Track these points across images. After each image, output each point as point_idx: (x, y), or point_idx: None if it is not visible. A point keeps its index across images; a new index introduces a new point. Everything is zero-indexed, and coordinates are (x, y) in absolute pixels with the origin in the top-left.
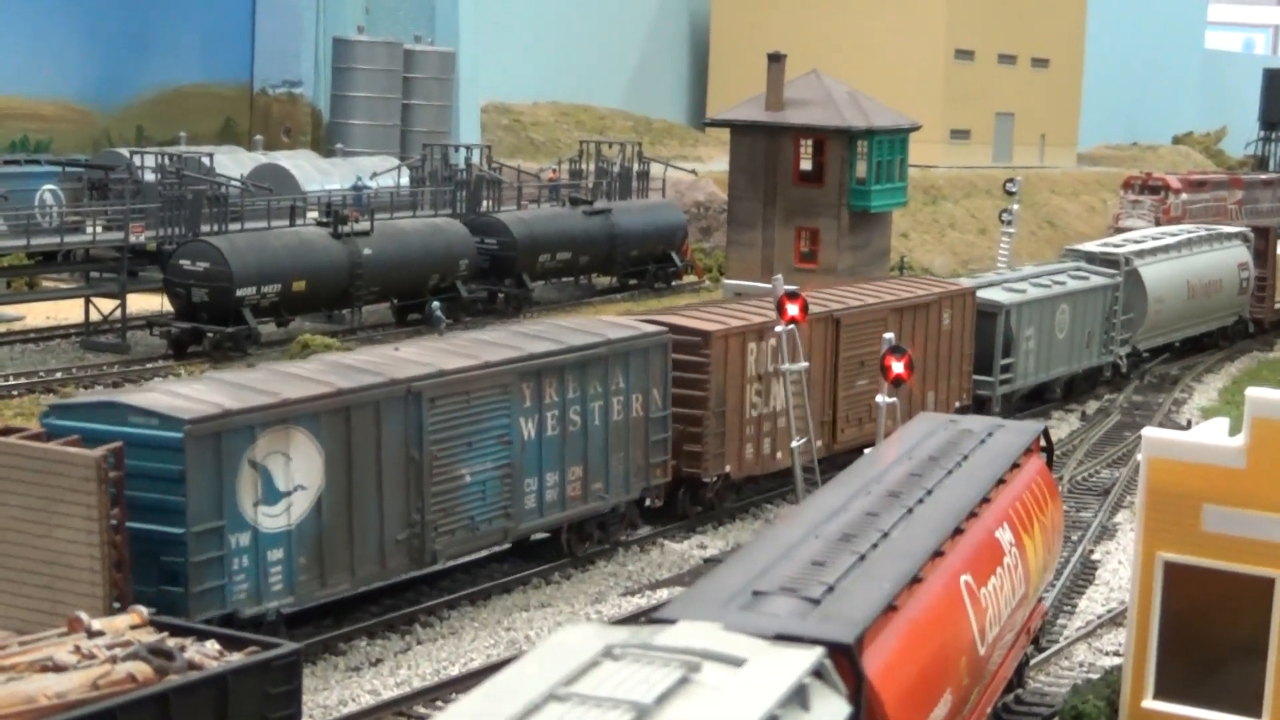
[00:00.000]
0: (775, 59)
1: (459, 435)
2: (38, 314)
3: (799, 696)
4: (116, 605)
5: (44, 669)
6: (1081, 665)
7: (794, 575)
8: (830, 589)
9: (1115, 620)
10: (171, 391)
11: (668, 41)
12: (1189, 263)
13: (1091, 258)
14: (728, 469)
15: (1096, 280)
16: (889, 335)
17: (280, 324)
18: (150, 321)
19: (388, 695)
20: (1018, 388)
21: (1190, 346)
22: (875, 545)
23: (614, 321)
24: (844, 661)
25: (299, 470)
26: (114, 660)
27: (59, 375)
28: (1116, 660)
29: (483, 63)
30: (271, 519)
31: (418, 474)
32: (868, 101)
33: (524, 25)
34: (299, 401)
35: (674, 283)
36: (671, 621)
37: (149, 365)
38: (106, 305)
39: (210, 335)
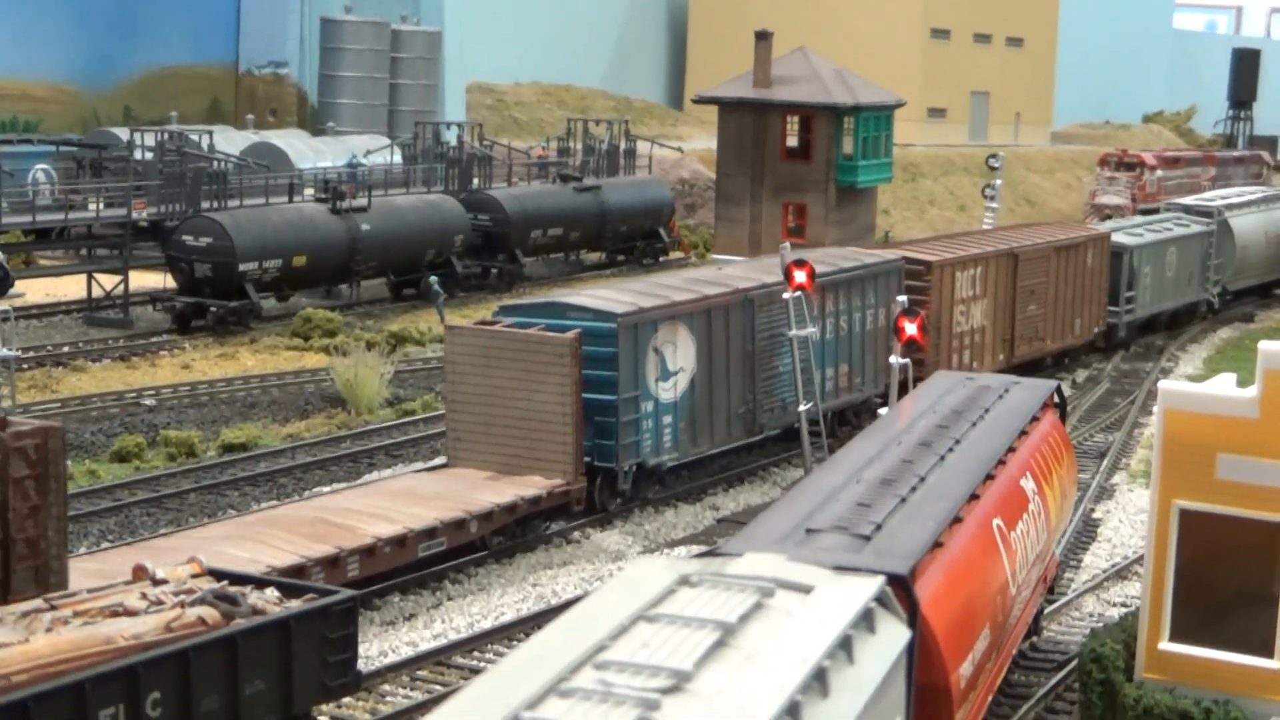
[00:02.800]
0: (762, 37)
1: (776, 334)
2: (37, 291)
3: (866, 620)
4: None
5: (114, 614)
6: (1091, 615)
7: (843, 515)
8: (879, 527)
9: (1120, 574)
10: (593, 294)
11: (647, 22)
12: (1269, 216)
13: (1188, 209)
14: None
15: (1195, 228)
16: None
17: (281, 299)
18: (154, 297)
19: (425, 647)
20: (1137, 317)
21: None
22: (914, 489)
23: (860, 250)
24: (900, 591)
25: (681, 356)
26: (182, 605)
27: (66, 349)
28: (1124, 610)
29: (467, 43)
30: (665, 392)
31: (751, 363)
32: (854, 78)
33: (506, 6)
34: (682, 303)
35: (661, 259)
36: (738, 555)
37: (153, 339)
38: (108, 282)
39: (213, 310)
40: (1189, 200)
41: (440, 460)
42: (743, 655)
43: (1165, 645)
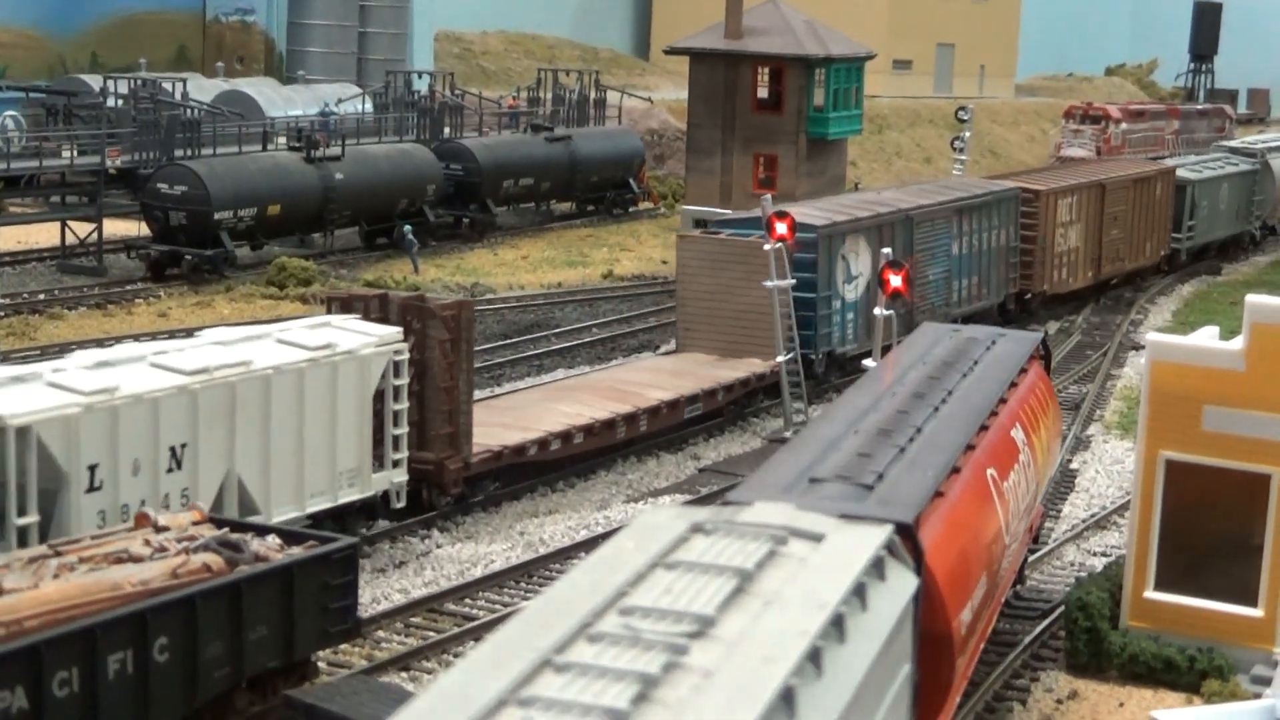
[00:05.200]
0: None
1: (927, 247)
2: (7, 239)
3: (877, 567)
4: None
5: (118, 560)
6: (1072, 564)
7: (845, 465)
8: (880, 477)
9: (1099, 524)
10: (794, 206)
11: None
12: None
13: (1235, 150)
14: (1045, 286)
15: (1244, 167)
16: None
17: (255, 248)
18: (129, 245)
19: (417, 594)
20: (1196, 243)
21: None
22: (911, 439)
23: (985, 180)
24: (905, 540)
25: (861, 263)
26: (187, 552)
27: (42, 297)
28: (1104, 560)
29: None
30: (849, 293)
31: (910, 269)
32: (825, 30)
33: None
34: (862, 219)
35: (631, 209)
36: (747, 503)
37: (128, 288)
38: (81, 230)
39: (188, 258)
40: (1234, 143)
41: (670, 346)
42: (761, 601)
43: (1150, 594)
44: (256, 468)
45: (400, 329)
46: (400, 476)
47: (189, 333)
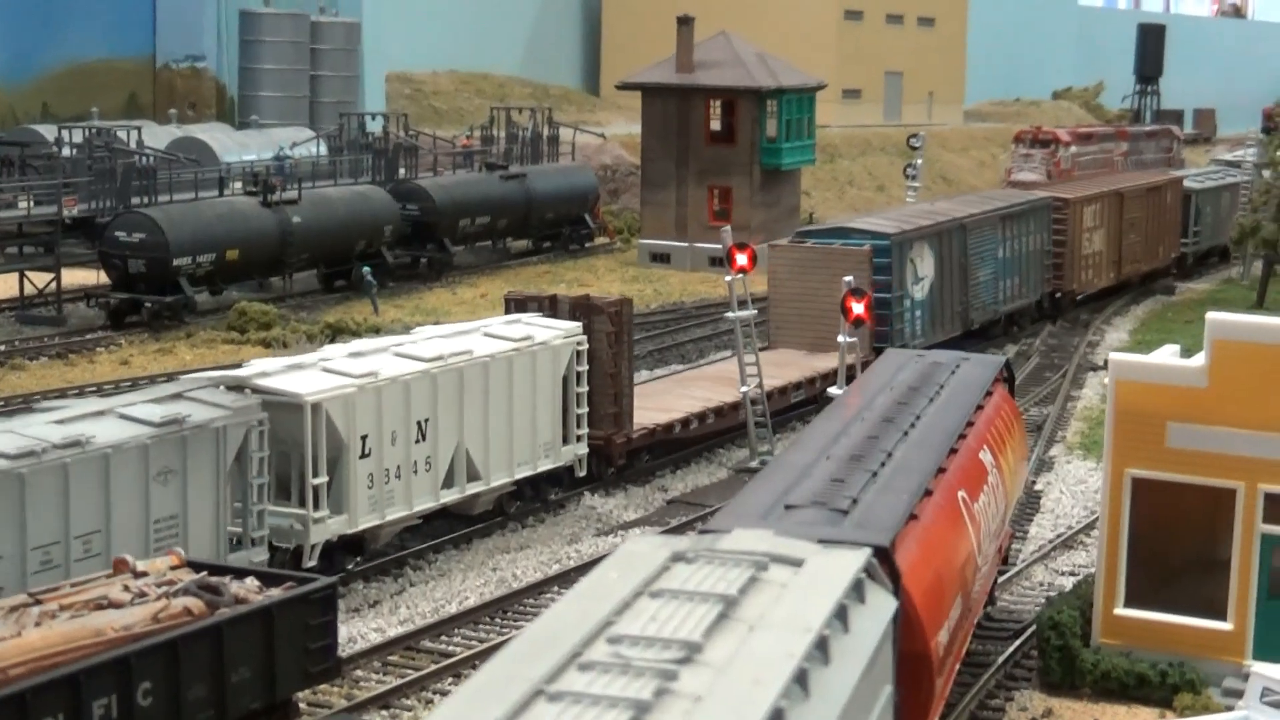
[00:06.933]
0: (684, 22)
1: (978, 251)
2: None
3: (856, 590)
4: None
5: (99, 606)
6: (1041, 584)
7: (819, 491)
8: (855, 501)
9: (1066, 544)
10: (867, 220)
11: (561, 8)
12: None
13: (1229, 164)
14: (1074, 286)
15: (1240, 177)
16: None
17: (214, 293)
18: (88, 293)
19: (393, 633)
20: (1200, 248)
21: None
22: (883, 464)
23: (1018, 191)
24: (882, 562)
25: (925, 266)
26: (167, 596)
27: (2, 348)
28: (1072, 579)
29: (383, 33)
30: (917, 293)
31: (964, 273)
32: (775, 61)
33: None
34: (926, 226)
35: (587, 244)
36: (726, 531)
37: (88, 336)
38: (39, 280)
39: (148, 305)
40: (1229, 155)
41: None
42: (746, 626)
43: (1120, 610)
44: (479, 440)
45: (580, 323)
46: (582, 449)
47: (152, 380)
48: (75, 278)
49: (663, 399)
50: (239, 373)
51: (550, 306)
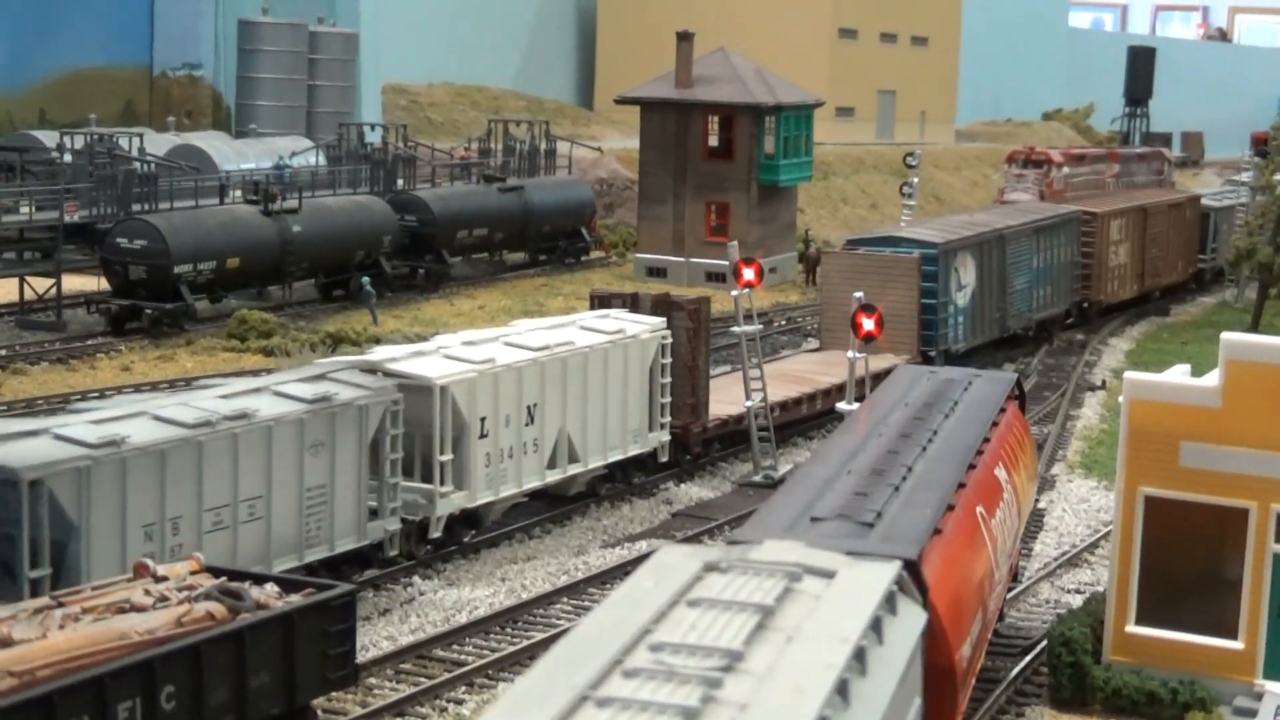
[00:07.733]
0: (684, 37)
1: (1015, 261)
2: None
3: (889, 602)
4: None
5: (121, 610)
6: (1048, 601)
7: (843, 504)
8: (879, 515)
9: (1071, 561)
10: (914, 230)
11: (556, 23)
12: None
13: (1243, 185)
14: (1101, 297)
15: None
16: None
17: (214, 301)
18: (89, 299)
19: (405, 640)
20: (1216, 264)
21: None
22: (904, 478)
23: (1048, 205)
24: (911, 575)
25: (966, 274)
26: (190, 601)
27: (3, 352)
28: (1080, 597)
29: (380, 44)
30: (960, 299)
31: (1003, 281)
32: (774, 78)
33: (418, 7)
34: (969, 236)
35: (583, 258)
36: (757, 542)
37: (89, 342)
38: (39, 285)
39: (149, 312)
40: (1242, 176)
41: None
42: (784, 636)
43: (1132, 628)
44: (579, 425)
45: (665, 319)
46: (665, 436)
47: (154, 386)
48: (76, 283)
49: (729, 393)
50: (371, 357)
51: (632, 303)
